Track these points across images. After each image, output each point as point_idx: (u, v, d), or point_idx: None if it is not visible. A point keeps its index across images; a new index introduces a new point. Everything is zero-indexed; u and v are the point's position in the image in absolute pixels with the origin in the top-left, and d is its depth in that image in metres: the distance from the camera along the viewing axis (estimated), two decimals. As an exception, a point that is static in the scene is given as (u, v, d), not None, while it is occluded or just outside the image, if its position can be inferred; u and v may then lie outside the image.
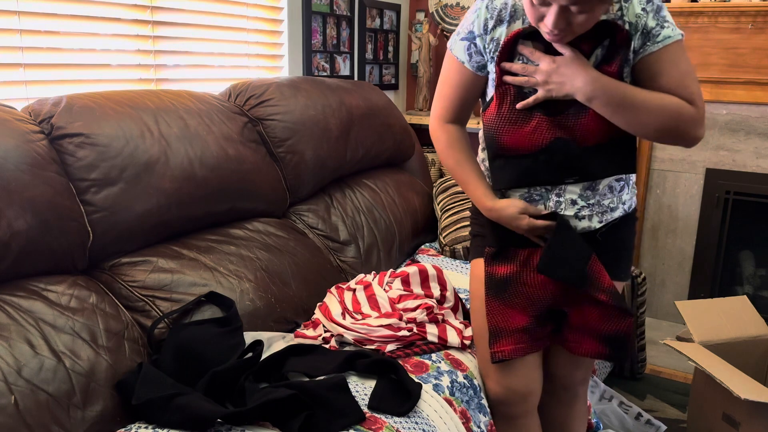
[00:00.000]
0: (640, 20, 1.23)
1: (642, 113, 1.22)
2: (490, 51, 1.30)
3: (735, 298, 2.20)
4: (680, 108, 1.22)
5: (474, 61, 1.34)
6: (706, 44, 2.71)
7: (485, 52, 1.31)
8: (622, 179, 1.37)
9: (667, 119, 1.22)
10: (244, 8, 2.40)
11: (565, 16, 1.14)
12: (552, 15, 1.14)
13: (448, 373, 1.50)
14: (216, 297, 1.57)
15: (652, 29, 1.24)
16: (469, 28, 1.32)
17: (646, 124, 1.23)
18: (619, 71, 1.25)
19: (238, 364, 1.36)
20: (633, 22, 1.23)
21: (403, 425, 1.31)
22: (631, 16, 1.23)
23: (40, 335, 1.25)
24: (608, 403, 2.10)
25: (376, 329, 1.56)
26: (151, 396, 1.24)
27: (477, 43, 1.31)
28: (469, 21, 1.32)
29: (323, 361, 1.46)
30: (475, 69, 1.35)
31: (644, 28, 1.24)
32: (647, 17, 1.23)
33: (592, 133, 1.27)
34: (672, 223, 2.99)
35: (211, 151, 1.74)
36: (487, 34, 1.29)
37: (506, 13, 1.28)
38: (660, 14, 1.25)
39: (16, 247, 1.29)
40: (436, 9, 3.39)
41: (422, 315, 1.63)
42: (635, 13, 1.23)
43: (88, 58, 1.89)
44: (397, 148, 2.58)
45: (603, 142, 1.28)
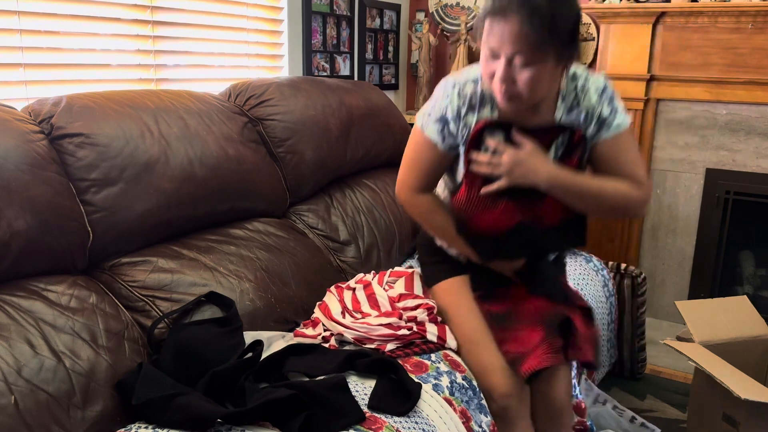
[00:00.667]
0: (595, 107, 1.39)
1: (596, 200, 1.39)
2: (463, 135, 1.43)
3: (735, 298, 2.20)
4: (629, 194, 1.40)
5: (446, 143, 1.46)
6: (706, 44, 2.71)
7: (458, 134, 1.43)
8: None
9: (618, 204, 1.40)
10: (244, 8, 2.40)
11: (511, 70, 1.26)
12: (500, 68, 1.26)
13: (448, 374, 1.50)
14: (216, 297, 1.57)
15: (606, 117, 1.40)
16: (442, 113, 1.43)
17: (600, 209, 1.42)
18: (579, 162, 1.42)
19: (238, 364, 1.36)
20: (589, 110, 1.40)
21: (403, 425, 1.31)
22: (588, 104, 1.39)
23: (40, 335, 1.25)
24: (602, 406, 2.10)
25: (375, 328, 1.55)
26: (151, 396, 1.24)
27: (450, 127, 1.43)
28: (441, 105, 1.43)
29: (323, 361, 1.45)
30: (446, 149, 1.47)
31: (599, 116, 1.40)
32: (602, 106, 1.39)
33: (550, 215, 1.43)
34: (672, 223, 2.99)
35: (211, 151, 1.74)
36: (460, 120, 1.42)
37: (476, 100, 1.40)
38: (613, 103, 1.40)
39: (16, 247, 1.29)
40: (436, 9, 3.39)
41: (423, 314, 1.63)
42: (591, 103, 1.39)
43: (88, 58, 1.89)
44: (397, 148, 2.58)
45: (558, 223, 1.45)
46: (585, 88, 1.40)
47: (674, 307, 2.43)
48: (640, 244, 3.07)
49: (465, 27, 3.15)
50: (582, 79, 1.41)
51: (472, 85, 1.41)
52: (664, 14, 2.75)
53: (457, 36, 3.18)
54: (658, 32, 2.80)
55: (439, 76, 3.43)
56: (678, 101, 2.85)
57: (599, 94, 1.39)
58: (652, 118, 2.91)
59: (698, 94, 2.79)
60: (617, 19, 2.84)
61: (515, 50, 1.24)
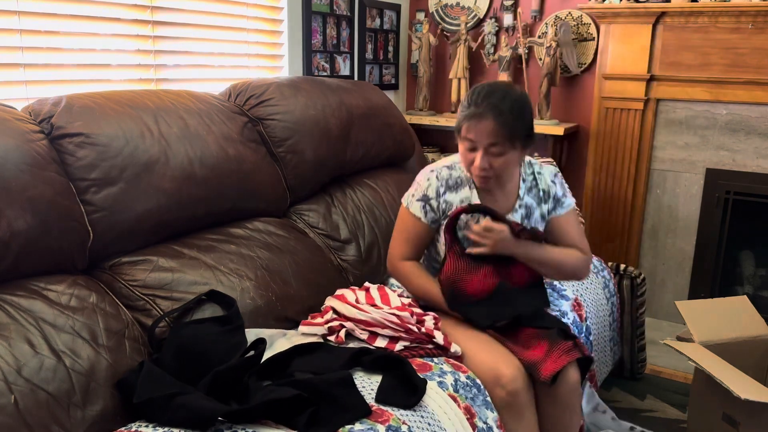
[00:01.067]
0: (551, 189, 1.78)
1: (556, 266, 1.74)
2: (442, 210, 1.73)
3: (735, 298, 2.20)
4: (579, 260, 1.77)
5: (429, 218, 1.74)
6: (706, 44, 2.71)
7: (438, 210, 1.73)
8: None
9: (571, 268, 1.77)
10: (244, 8, 2.40)
11: (487, 158, 1.60)
12: (478, 157, 1.61)
13: (452, 373, 1.52)
14: (217, 295, 1.57)
15: (560, 197, 1.78)
16: (424, 193, 1.74)
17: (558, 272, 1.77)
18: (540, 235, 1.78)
19: (241, 363, 1.36)
20: (545, 189, 1.78)
21: (409, 418, 1.33)
22: (544, 184, 1.78)
23: (40, 334, 1.25)
24: (602, 414, 2.11)
25: (388, 315, 1.58)
26: (152, 395, 1.24)
27: (432, 204, 1.73)
28: (423, 187, 1.74)
29: (329, 359, 1.46)
30: (429, 223, 1.75)
31: (555, 195, 1.78)
32: (556, 187, 1.78)
33: (521, 276, 1.73)
34: (672, 223, 2.99)
35: (211, 150, 1.74)
36: (439, 197, 1.73)
37: (452, 182, 1.73)
38: (564, 187, 1.81)
39: (16, 246, 1.29)
40: (436, 9, 3.39)
41: (430, 321, 1.64)
42: (547, 183, 1.78)
43: (88, 58, 1.89)
44: (397, 147, 2.58)
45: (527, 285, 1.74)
46: (541, 174, 1.79)
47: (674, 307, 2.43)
48: (640, 244, 3.07)
49: (465, 27, 3.15)
50: (537, 166, 1.80)
51: (447, 171, 1.74)
52: (664, 14, 2.75)
53: (457, 36, 3.18)
54: (658, 32, 2.80)
55: (439, 76, 3.43)
56: (678, 101, 2.85)
57: (552, 177, 1.79)
58: (652, 118, 2.91)
59: (698, 94, 2.79)
60: (617, 19, 2.85)
61: (491, 142, 1.58)
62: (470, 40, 3.18)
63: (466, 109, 1.61)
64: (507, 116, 1.57)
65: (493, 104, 1.58)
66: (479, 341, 1.63)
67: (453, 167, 1.75)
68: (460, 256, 1.71)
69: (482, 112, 1.58)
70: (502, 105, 1.58)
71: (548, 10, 3.14)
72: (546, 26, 3.12)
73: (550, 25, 3.08)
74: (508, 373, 1.53)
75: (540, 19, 3.16)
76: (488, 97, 1.59)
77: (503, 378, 1.53)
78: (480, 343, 1.63)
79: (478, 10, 3.28)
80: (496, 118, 1.57)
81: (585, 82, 3.11)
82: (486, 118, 1.57)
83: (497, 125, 1.57)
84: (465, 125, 1.61)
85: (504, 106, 1.58)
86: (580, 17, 3.06)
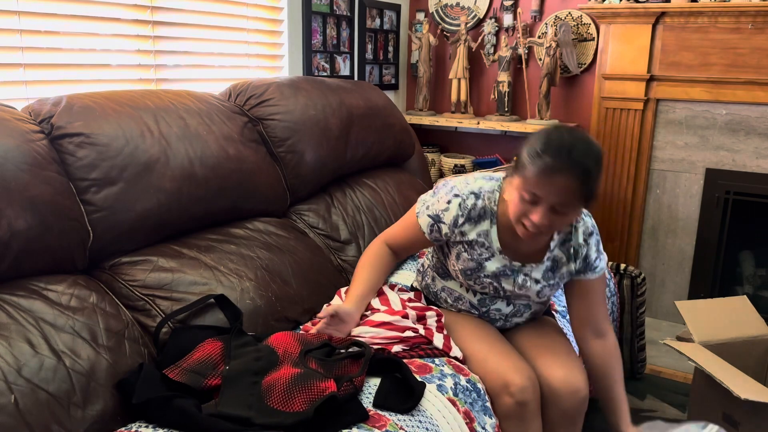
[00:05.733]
0: (581, 249, 1.55)
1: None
2: (454, 238, 1.58)
3: (735, 298, 2.20)
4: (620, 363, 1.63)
5: (433, 236, 1.61)
6: (706, 44, 2.71)
7: (450, 237, 1.58)
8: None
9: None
10: (244, 8, 2.40)
11: (550, 216, 1.38)
12: (538, 213, 1.38)
13: (452, 376, 1.50)
14: (225, 302, 1.56)
15: (593, 260, 1.56)
16: (437, 213, 1.58)
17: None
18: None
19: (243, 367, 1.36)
20: (576, 248, 1.55)
21: (406, 423, 1.32)
22: (575, 242, 1.55)
23: (40, 334, 1.25)
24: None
25: (378, 331, 1.56)
26: (152, 395, 1.24)
27: (443, 229, 1.58)
28: (439, 208, 1.58)
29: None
30: (432, 240, 1.63)
31: (585, 256, 1.55)
32: (587, 247, 1.55)
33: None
34: (672, 223, 2.99)
35: (211, 150, 1.74)
36: (455, 227, 1.56)
37: (475, 213, 1.55)
38: (599, 248, 1.57)
39: (16, 246, 1.29)
40: (436, 9, 3.39)
41: (432, 319, 1.64)
42: (578, 241, 1.55)
43: (88, 58, 1.89)
44: (397, 147, 2.58)
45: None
46: (576, 228, 1.56)
47: (674, 307, 2.43)
48: (640, 244, 3.07)
49: (465, 27, 3.15)
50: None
51: (473, 199, 1.55)
52: (663, 14, 2.75)
53: (457, 36, 3.18)
54: (657, 32, 2.80)
55: (439, 76, 3.44)
56: (678, 101, 2.86)
57: (586, 236, 1.56)
58: (652, 118, 2.91)
59: (698, 94, 2.79)
60: (617, 19, 2.85)
61: (562, 202, 1.36)
62: (470, 40, 3.18)
63: (540, 159, 1.34)
64: (591, 177, 1.35)
65: (577, 162, 1.33)
66: (489, 344, 1.59)
67: (480, 195, 1.55)
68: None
69: (563, 168, 1.33)
70: (586, 163, 1.34)
71: (548, 10, 3.14)
72: (546, 26, 3.12)
73: (549, 25, 3.08)
74: (517, 381, 1.48)
75: (540, 19, 3.16)
76: (571, 152, 1.34)
77: (512, 386, 1.48)
78: (490, 346, 1.58)
79: (478, 10, 3.28)
80: (579, 179, 1.33)
81: (585, 82, 3.11)
82: (566, 177, 1.33)
83: (578, 187, 1.34)
84: (536, 179, 1.36)
85: (589, 165, 1.34)
86: (579, 17, 3.06)
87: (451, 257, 1.63)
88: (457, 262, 1.61)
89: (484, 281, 1.59)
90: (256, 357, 1.38)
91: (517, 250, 1.56)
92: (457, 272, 1.64)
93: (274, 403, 1.26)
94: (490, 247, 1.56)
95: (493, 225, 1.55)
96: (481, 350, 1.58)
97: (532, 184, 1.37)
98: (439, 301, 1.77)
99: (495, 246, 1.56)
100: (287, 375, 1.31)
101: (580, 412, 1.58)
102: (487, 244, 1.56)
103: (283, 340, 1.46)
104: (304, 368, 1.35)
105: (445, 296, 1.73)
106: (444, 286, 1.73)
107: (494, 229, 1.55)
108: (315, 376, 1.32)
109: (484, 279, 1.59)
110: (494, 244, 1.56)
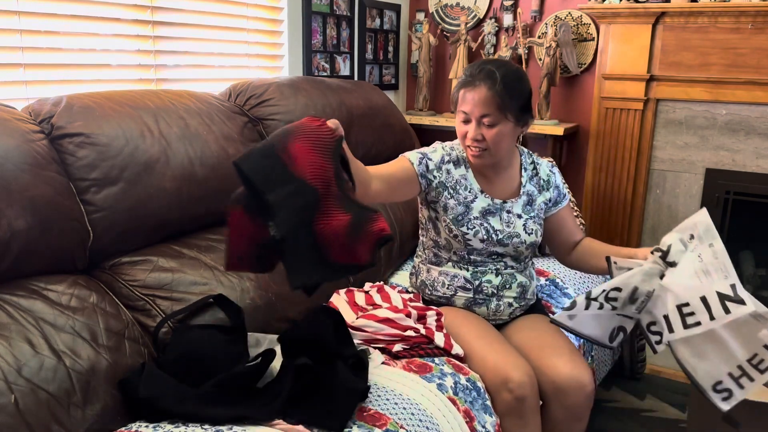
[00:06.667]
0: (551, 178, 1.81)
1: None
2: (440, 177, 1.71)
3: (735, 298, 2.19)
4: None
5: (421, 168, 1.71)
6: (706, 44, 2.71)
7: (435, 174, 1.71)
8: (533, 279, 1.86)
9: None
10: (244, 8, 2.40)
11: (479, 129, 1.61)
12: (470, 128, 1.62)
13: (452, 375, 1.51)
14: (224, 301, 1.56)
15: (560, 187, 1.82)
16: (425, 153, 1.73)
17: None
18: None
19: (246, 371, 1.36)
20: (545, 178, 1.81)
21: (406, 422, 1.32)
22: (543, 173, 1.81)
23: (41, 334, 1.25)
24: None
25: (381, 327, 1.56)
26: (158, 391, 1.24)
27: (429, 163, 1.71)
28: (426, 150, 1.75)
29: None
30: (419, 173, 1.70)
31: (555, 184, 1.81)
32: (554, 176, 1.82)
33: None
34: (672, 223, 2.99)
35: (211, 150, 1.74)
36: (442, 164, 1.73)
37: (454, 157, 1.74)
38: (562, 177, 1.87)
39: (17, 246, 1.29)
40: (436, 9, 3.39)
41: (432, 318, 1.64)
42: (546, 172, 1.81)
43: (88, 58, 1.89)
44: (397, 147, 2.58)
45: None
46: (539, 163, 1.81)
47: (674, 307, 2.43)
48: (640, 244, 3.07)
49: (464, 27, 3.15)
50: (534, 156, 1.83)
51: (450, 147, 1.76)
52: (663, 14, 2.75)
53: (456, 36, 3.18)
54: (657, 32, 2.80)
55: (439, 76, 3.43)
56: (677, 101, 2.85)
57: (549, 169, 1.82)
58: (652, 118, 2.91)
59: (698, 94, 2.79)
60: (617, 19, 2.85)
61: (483, 112, 1.59)
62: (470, 41, 3.18)
63: (462, 77, 1.64)
64: (502, 84, 1.57)
65: (487, 72, 1.59)
66: (488, 341, 1.61)
67: (453, 147, 1.76)
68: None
69: (476, 78, 1.59)
70: (495, 74, 1.58)
71: (548, 10, 3.14)
72: (546, 26, 3.12)
73: (549, 25, 3.08)
74: (516, 377, 1.49)
75: (540, 20, 3.16)
76: (482, 67, 1.60)
77: (511, 382, 1.49)
78: (488, 343, 1.60)
79: (477, 11, 3.28)
80: (490, 87, 1.57)
81: (585, 82, 3.11)
82: (480, 86, 1.58)
83: (491, 93, 1.57)
84: (459, 95, 1.63)
85: (497, 75, 1.58)
86: (579, 17, 3.06)
87: (440, 216, 1.74)
88: (446, 214, 1.72)
89: (475, 223, 1.70)
90: (300, 205, 1.19)
91: (495, 190, 1.75)
92: (449, 225, 1.71)
93: (338, 257, 1.19)
94: (471, 188, 1.73)
95: (468, 170, 1.74)
96: (480, 348, 1.59)
97: (460, 104, 1.63)
98: (435, 292, 1.78)
99: (475, 187, 1.73)
100: (342, 225, 1.19)
101: (586, 408, 1.58)
102: (468, 186, 1.73)
103: (311, 160, 1.23)
104: (351, 209, 1.22)
105: (442, 280, 1.77)
106: (440, 271, 1.78)
107: (470, 172, 1.74)
108: (364, 216, 1.22)
109: (474, 221, 1.70)
110: (474, 185, 1.73)
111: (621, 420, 2.25)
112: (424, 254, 1.85)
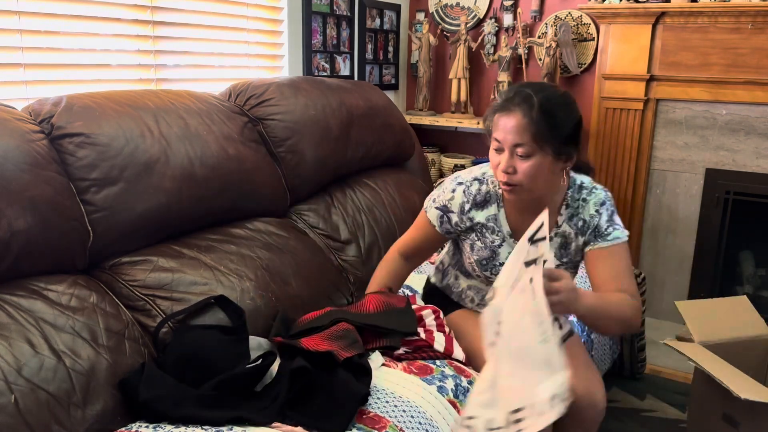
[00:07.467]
0: (592, 219, 1.50)
1: (610, 317, 1.40)
2: (464, 226, 1.57)
3: (735, 298, 2.20)
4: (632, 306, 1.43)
5: (443, 228, 1.61)
6: (706, 44, 2.71)
7: (459, 226, 1.58)
8: None
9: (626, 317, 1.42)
10: (244, 8, 2.40)
11: (512, 161, 1.38)
12: (504, 159, 1.39)
13: (453, 377, 1.50)
14: (225, 302, 1.56)
15: (604, 229, 1.49)
16: (444, 203, 1.59)
17: (609, 327, 1.46)
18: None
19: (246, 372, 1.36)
20: (587, 219, 1.50)
21: (406, 424, 1.32)
22: (586, 214, 1.50)
23: (41, 334, 1.25)
24: None
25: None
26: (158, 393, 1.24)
27: (451, 217, 1.58)
28: (445, 198, 1.59)
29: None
30: (442, 233, 1.62)
31: (596, 227, 1.49)
32: (599, 217, 1.49)
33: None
34: (672, 223, 2.99)
35: (211, 150, 1.74)
36: (464, 214, 1.56)
37: (480, 198, 1.55)
38: (612, 218, 1.50)
39: (17, 246, 1.29)
40: (436, 9, 3.39)
41: (430, 318, 1.63)
42: (589, 213, 1.50)
43: (88, 58, 1.89)
44: (397, 147, 2.58)
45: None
46: (586, 200, 1.51)
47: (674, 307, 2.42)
48: (640, 244, 3.07)
49: (464, 27, 3.15)
50: (585, 192, 1.52)
51: (477, 184, 1.55)
52: (663, 14, 2.75)
53: (456, 36, 3.18)
54: (657, 32, 2.80)
55: (439, 76, 3.43)
56: (678, 101, 2.85)
57: (597, 206, 1.50)
58: (652, 118, 2.91)
59: (698, 94, 2.79)
60: (617, 19, 2.85)
61: (516, 141, 1.36)
62: (470, 40, 3.18)
63: (494, 105, 1.42)
64: (539, 112, 1.34)
65: (524, 96, 1.36)
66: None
67: (483, 180, 1.56)
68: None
69: (511, 103, 1.37)
70: (533, 98, 1.35)
71: (548, 10, 3.14)
72: (546, 26, 3.12)
73: (549, 25, 3.08)
74: None
75: (540, 19, 3.16)
76: (520, 91, 1.38)
77: None
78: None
79: (478, 11, 3.28)
80: (525, 113, 1.35)
81: (585, 82, 3.11)
82: (514, 112, 1.36)
83: (526, 121, 1.34)
84: (492, 120, 1.42)
85: (534, 100, 1.35)
86: (579, 17, 3.06)
87: (466, 250, 1.61)
88: (472, 253, 1.59)
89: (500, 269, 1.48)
90: None
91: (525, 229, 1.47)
92: (473, 265, 1.61)
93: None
94: (500, 231, 1.55)
95: (500, 208, 1.54)
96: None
97: (493, 131, 1.41)
98: (462, 301, 1.74)
99: (505, 230, 1.54)
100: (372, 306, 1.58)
101: (596, 423, 1.55)
102: (497, 229, 1.55)
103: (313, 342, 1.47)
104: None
105: (471, 295, 1.71)
106: (470, 285, 1.70)
107: (502, 212, 1.54)
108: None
109: (499, 267, 1.55)
110: (504, 228, 1.54)
111: (621, 420, 2.25)
112: (450, 258, 1.76)
